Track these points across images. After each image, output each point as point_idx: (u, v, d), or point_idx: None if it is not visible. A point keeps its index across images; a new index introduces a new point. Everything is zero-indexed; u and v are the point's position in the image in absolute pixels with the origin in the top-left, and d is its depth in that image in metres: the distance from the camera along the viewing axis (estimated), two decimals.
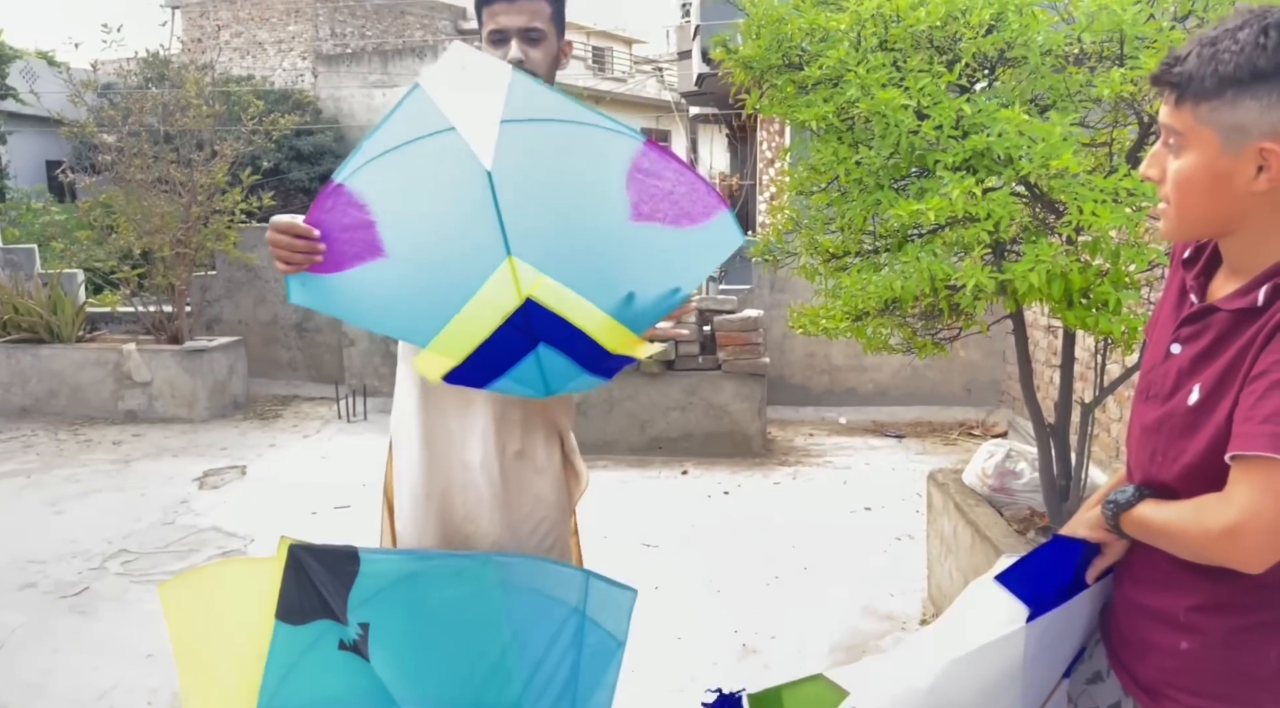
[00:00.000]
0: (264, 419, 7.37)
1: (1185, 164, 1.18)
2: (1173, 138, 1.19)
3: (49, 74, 9.67)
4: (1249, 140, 1.12)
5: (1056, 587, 1.39)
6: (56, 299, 7.55)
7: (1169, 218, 1.24)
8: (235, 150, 7.43)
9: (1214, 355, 1.22)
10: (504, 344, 1.66)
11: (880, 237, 2.84)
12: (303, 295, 1.66)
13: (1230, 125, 1.13)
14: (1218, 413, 1.18)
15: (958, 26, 2.48)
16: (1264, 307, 1.16)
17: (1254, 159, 1.13)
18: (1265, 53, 1.09)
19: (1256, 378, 1.13)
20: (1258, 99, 1.10)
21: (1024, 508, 3.28)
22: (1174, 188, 1.20)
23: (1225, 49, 1.12)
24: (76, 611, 3.85)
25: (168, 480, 5.69)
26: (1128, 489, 1.31)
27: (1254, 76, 1.10)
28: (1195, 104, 1.15)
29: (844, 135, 2.70)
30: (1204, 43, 1.14)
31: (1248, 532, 1.10)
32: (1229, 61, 1.11)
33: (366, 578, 1.65)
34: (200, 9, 22.97)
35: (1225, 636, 1.24)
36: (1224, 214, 1.19)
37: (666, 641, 3.47)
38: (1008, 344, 6.38)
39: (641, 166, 1.58)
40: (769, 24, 2.75)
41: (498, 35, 1.91)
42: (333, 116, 20.34)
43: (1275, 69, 1.09)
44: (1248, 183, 1.14)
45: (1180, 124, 1.17)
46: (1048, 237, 2.42)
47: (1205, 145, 1.15)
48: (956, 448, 6.27)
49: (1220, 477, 1.17)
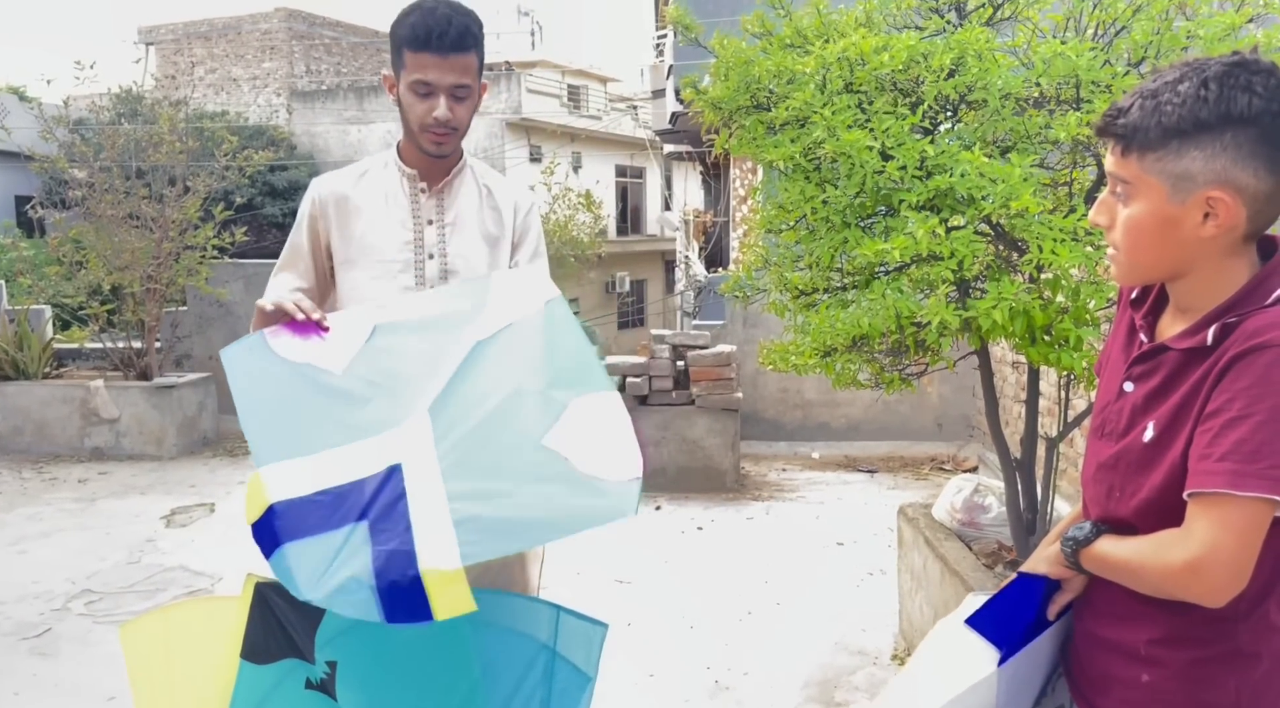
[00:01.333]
0: (234, 456, 7.29)
1: (1134, 212, 1.22)
2: (1120, 187, 1.23)
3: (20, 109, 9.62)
4: (1195, 188, 1.16)
5: (1024, 626, 1.40)
6: (23, 335, 7.47)
7: (1120, 264, 1.28)
8: (208, 186, 7.42)
9: (1166, 393, 1.25)
10: (339, 504, 1.54)
11: (847, 274, 2.88)
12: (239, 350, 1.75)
13: (1176, 174, 1.16)
14: (1173, 450, 1.21)
15: (920, 70, 2.55)
16: (1213, 346, 1.20)
17: (1201, 206, 1.16)
18: (1207, 105, 1.13)
19: (1211, 416, 1.16)
20: (1201, 149, 1.14)
21: (992, 542, 3.30)
22: (1123, 235, 1.24)
23: (1167, 101, 1.15)
24: (38, 653, 3.77)
25: (134, 518, 5.61)
26: (1085, 526, 1.32)
27: (1197, 127, 1.14)
28: (1141, 155, 1.18)
29: (811, 175, 2.75)
30: (1144, 95, 1.18)
31: (1208, 567, 1.12)
32: (1172, 113, 1.15)
33: (334, 616, 1.64)
34: (175, 45, 23.00)
35: (1185, 667, 1.25)
36: (1173, 259, 1.23)
37: (639, 677, 3.45)
38: (977, 379, 6.45)
39: (594, 404, 1.61)
40: (737, 66, 2.81)
41: (424, 88, 1.91)
42: (307, 152, 20.36)
43: (1218, 120, 1.13)
44: (1195, 229, 1.18)
45: (1127, 174, 1.20)
46: (1010, 275, 2.47)
47: (1152, 194, 1.19)
48: (928, 482, 6.31)
49: (1176, 512, 1.19)
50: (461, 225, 2.06)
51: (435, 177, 2.06)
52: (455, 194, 2.07)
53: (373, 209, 2.04)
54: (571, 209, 13.52)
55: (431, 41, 1.87)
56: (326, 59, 23.26)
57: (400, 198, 2.05)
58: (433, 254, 2.03)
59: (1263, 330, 1.15)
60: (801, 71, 2.64)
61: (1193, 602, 1.17)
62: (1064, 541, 1.35)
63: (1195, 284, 1.24)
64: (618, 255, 21.59)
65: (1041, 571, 1.41)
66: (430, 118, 1.92)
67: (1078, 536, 1.32)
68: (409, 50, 1.90)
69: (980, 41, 2.48)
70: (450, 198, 2.07)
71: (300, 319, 1.78)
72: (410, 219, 2.04)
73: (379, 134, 20.49)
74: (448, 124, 1.93)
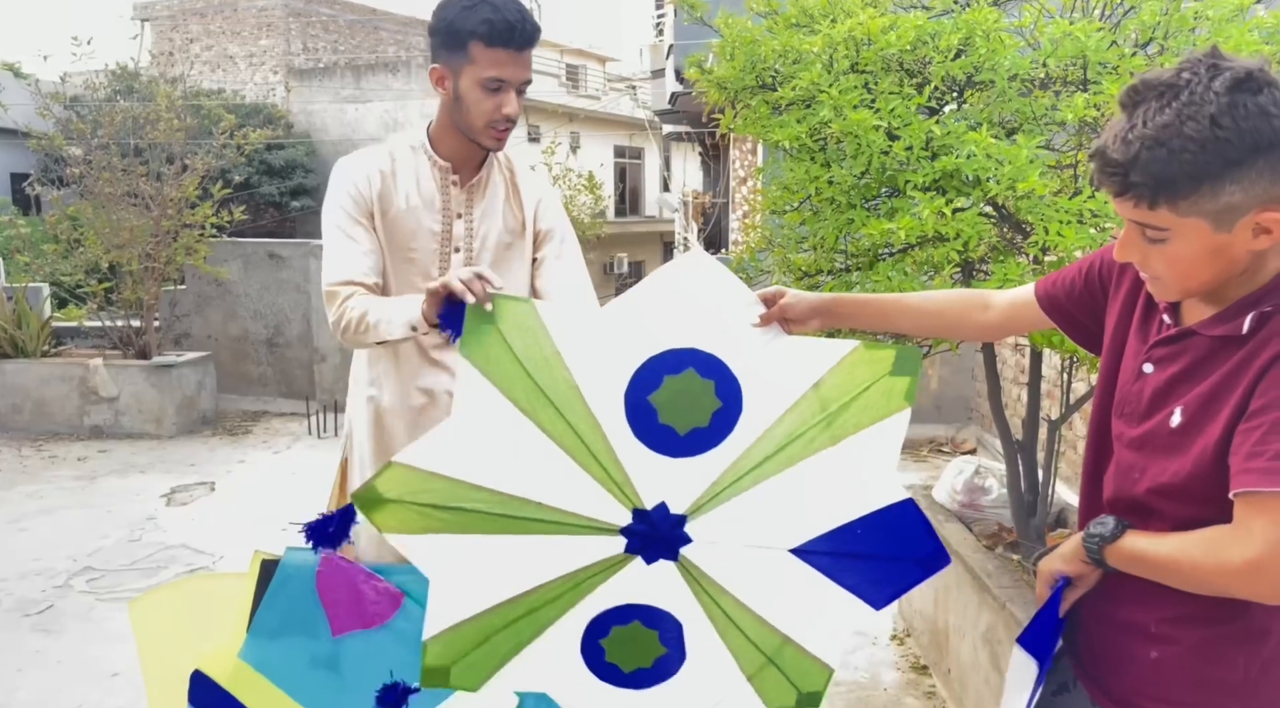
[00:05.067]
0: (233, 435, 7.30)
1: (1177, 250, 1.17)
2: (1149, 229, 1.18)
3: (16, 86, 9.55)
4: (1240, 216, 1.12)
5: (1051, 631, 1.41)
6: (21, 313, 7.44)
7: (1167, 288, 1.24)
8: (206, 164, 7.38)
9: (1193, 379, 1.23)
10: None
11: (852, 255, 2.88)
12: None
13: (1217, 211, 1.12)
14: (1204, 437, 1.20)
15: (927, 50, 2.53)
16: (1249, 335, 1.18)
17: (1250, 228, 1.13)
18: (1230, 144, 1.09)
19: (1256, 414, 1.14)
20: (1237, 182, 1.10)
21: (993, 524, 3.32)
22: (1169, 267, 1.20)
23: (1183, 148, 1.10)
24: (40, 629, 3.78)
25: (134, 497, 5.62)
26: (1107, 521, 1.30)
27: (1227, 166, 1.09)
28: (1173, 204, 1.13)
29: (816, 155, 2.74)
30: (1148, 144, 1.12)
31: (1272, 565, 1.11)
32: (1194, 160, 1.10)
33: None
34: (171, 22, 22.83)
35: (1195, 646, 1.26)
36: (1227, 274, 1.20)
37: None
38: (977, 362, 6.46)
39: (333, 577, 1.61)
40: (743, 46, 2.79)
41: (496, 84, 1.85)
42: (304, 131, 20.25)
43: (1247, 153, 1.09)
44: (1247, 244, 1.15)
45: (1161, 222, 1.15)
46: (1015, 256, 2.47)
47: (1195, 232, 1.15)
48: (927, 464, 6.33)
49: (1197, 498, 1.20)
50: (489, 220, 2.04)
51: (469, 171, 2.02)
52: (484, 188, 2.04)
53: (406, 197, 1.98)
54: (573, 190, 13.47)
55: (513, 38, 1.82)
56: (324, 37, 23.10)
57: (431, 189, 2.00)
58: (459, 247, 2.01)
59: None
60: (808, 51, 2.63)
61: (1251, 599, 1.17)
62: (1087, 536, 1.32)
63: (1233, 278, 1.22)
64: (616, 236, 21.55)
65: (1057, 567, 1.40)
66: (500, 114, 1.87)
67: (1102, 532, 1.30)
68: (481, 45, 1.82)
69: (988, 21, 2.46)
70: (480, 192, 2.03)
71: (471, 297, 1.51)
72: (440, 211, 2.00)
73: (376, 113, 20.38)
74: (514, 119, 1.89)
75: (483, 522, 1.52)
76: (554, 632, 1.55)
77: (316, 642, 1.63)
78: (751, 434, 1.53)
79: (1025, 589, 2.69)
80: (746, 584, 1.55)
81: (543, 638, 1.55)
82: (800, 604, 1.55)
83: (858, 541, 1.53)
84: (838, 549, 1.53)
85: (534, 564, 1.54)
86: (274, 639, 1.62)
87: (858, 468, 1.53)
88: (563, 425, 1.52)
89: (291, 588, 1.62)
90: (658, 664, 1.57)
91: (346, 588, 1.61)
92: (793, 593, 1.54)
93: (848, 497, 1.53)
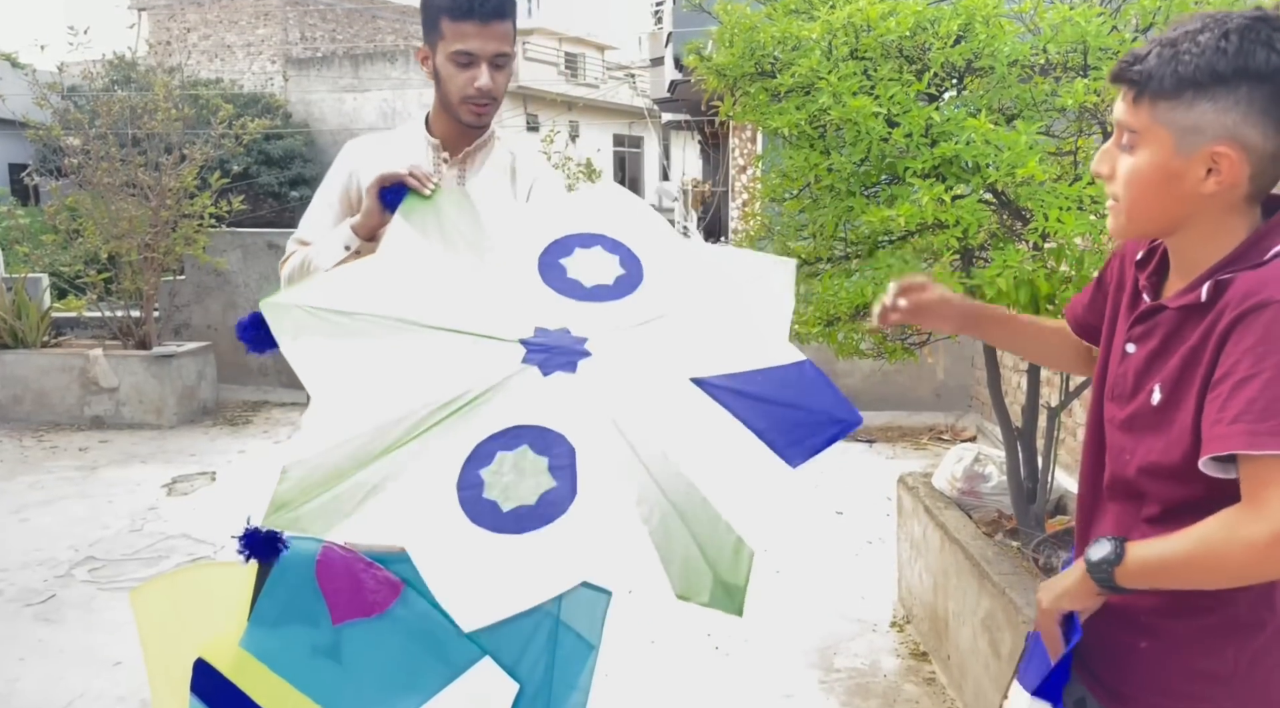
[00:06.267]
0: (234, 425, 7.30)
1: (1138, 162, 1.21)
2: (1127, 135, 1.22)
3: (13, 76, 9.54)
4: (1202, 141, 1.15)
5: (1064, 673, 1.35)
6: (21, 303, 7.44)
7: (1117, 215, 1.27)
8: (204, 154, 7.36)
9: (1167, 353, 1.24)
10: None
11: (851, 243, 2.88)
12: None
13: (1185, 126, 1.15)
14: (1181, 413, 1.20)
15: (927, 37, 2.52)
16: (1207, 303, 1.19)
17: (1205, 161, 1.16)
18: (1225, 56, 1.12)
19: (1219, 382, 1.14)
20: (1214, 102, 1.13)
21: (992, 511, 3.32)
22: (1125, 186, 1.23)
23: (1186, 50, 1.14)
24: (42, 619, 3.80)
25: (135, 487, 5.62)
26: (1103, 544, 1.24)
27: (1212, 79, 1.13)
28: (1153, 102, 1.17)
29: (815, 142, 2.73)
30: (1164, 43, 1.17)
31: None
32: (1189, 63, 1.14)
33: None
34: (168, 11, 22.75)
35: (1184, 637, 1.26)
36: (1172, 214, 1.22)
37: (640, 644, 3.48)
38: (976, 350, 6.45)
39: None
40: (742, 32, 2.78)
41: (465, 58, 1.89)
42: (303, 120, 20.20)
43: (1234, 73, 1.12)
44: (1196, 184, 1.17)
45: (1136, 122, 1.19)
46: (1015, 243, 2.47)
47: (1160, 144, 1.18)
48: (926, 452, 6.33)
49: (1184, 475, 1.19)
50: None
51: (458, 147, 2.05)
52: (478, 165, 2.07)
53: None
54: (571, 179, 13.46)
55: (475, 10, 1.85)
56: (321, 26, 23.03)
57: (425, 167, 2.04)
58: None
59: (1259, 289, 1.13)
60: (807, 38, 2.62)
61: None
62: (1093, 566, 1.24)
63: (1192, 241, 1.24)
64: None
65: (1065, 607, 1.32)
66: (473, 88, 1.90)
67: (1107, 556, 1.22)
68: (448, 20, 1.87)
69: (987, 7, 2.46)
70: (472, 168, 2.07)
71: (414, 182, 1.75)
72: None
73: (375, 102, 20.33)
74: (489, 94, 1.91)
75: (377, 326, 1.49)
76: (432, 461, 1.35)
77: (317, 630, 1.63)
78: (652, 295, 1.61)
79: (1025, 576, 2.70)
80: (648, 411, 1.41)
81: (416, 470, 1.34)
82: (707, 446, 1.38)
83: (760, 386, 1.47)
84: (741, 389, 1.46)
85: (424, 375, 1.43)
86: (275, 628, 1.63)
87: (751, 320, 1.59)
88: (478, 267, 1.63)
89: (291, 577, 1.62)
90: (542, 501, 1.32)
91: (346, 577, 1.62)
92: (698, 430, 1.40)
93: (747, 347, 1.52)
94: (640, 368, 1.48)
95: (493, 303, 1.57)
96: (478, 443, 1.36)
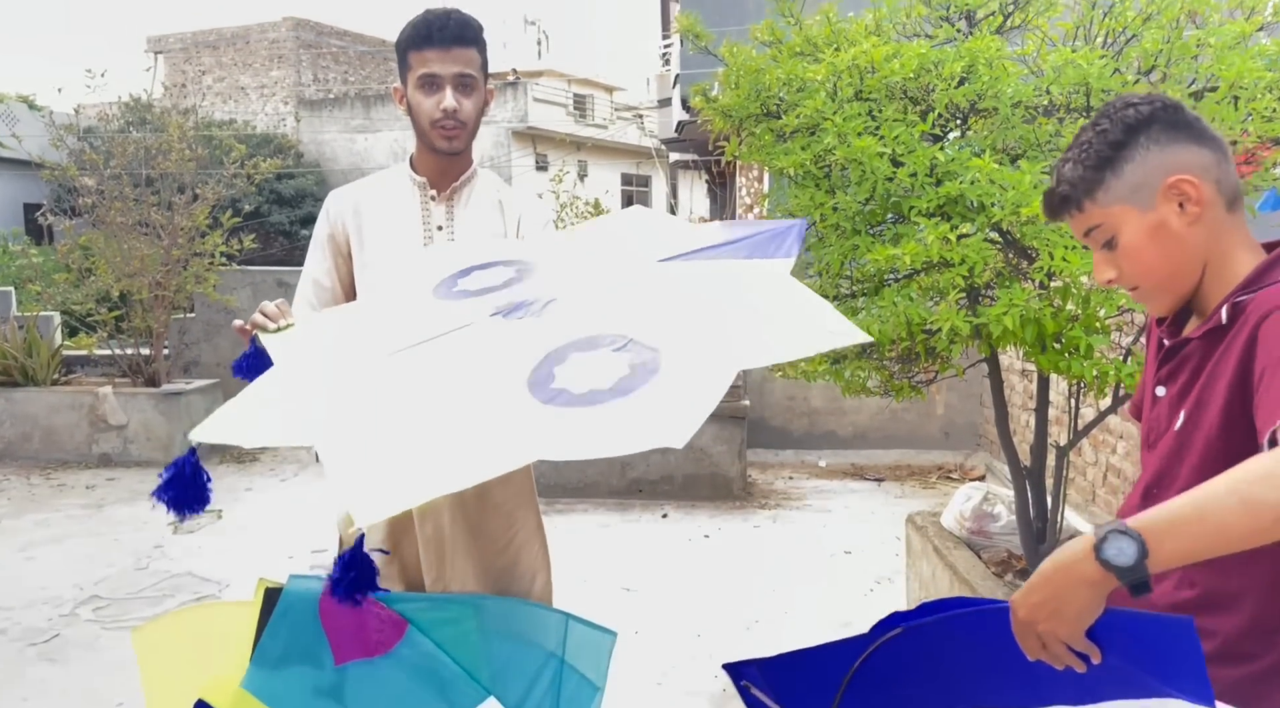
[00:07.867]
0: (241, 463, 7.30)
1: (1125, 242, 1.29)
2: (1099, 236, 1.30)
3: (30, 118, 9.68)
4: (1154, 187, 1.25)
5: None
6: (32, 341, 7.49)
7: (1147, 297, 1.33)
8: (216, 194, 7.44)
9: (1192, 383, 1.28)
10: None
11: (857, 281, 2.88)
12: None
13: (1130, 189, 1.26)
14: (1203, 428, 1.23)
15: (931, 78, 2.55)
16: (1228, 324, 1.23)
17: (1171, 198, 1.25)
18: (1109, 133, 1.27)
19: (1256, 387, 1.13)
20: (1131, 161, 1.26)
21: (1002, 551, 3.29)
22: (1131, 266, 1.30)
23: (1078, 154, 1.29)
24: (46, 658, 3.77)
25: (142, 525, 5.61)
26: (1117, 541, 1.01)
27: (1115, 149, 1.26)
28: (1092, 198, 1.28)
29: (821, 182, 2.75)
30: (1061, 164, 1.32)
31: None
32: (1090, 156, 1.28)
33: None
34: (184, 54, 23.14)
35: (1231, 684, 1.23)
36: (1182, 261, 1.27)
37: (646, 685, 3.43)
38: (984, 388, 6.43)
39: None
40: (748, 74, 2.81)
41: (430, 80, 1.94)
42: (314, 160, 20.44)
43: (1126, 134, 1.26)
44: (1180, 220, 1.25)
45: (1095, 220, 1.29)
46: (1021, 282, 2.47)
47: (1126, 217, 1.27)
48: (935, 491, 6.29)
49: None
50: (472, 231, 2.08)
51: (444, 183, 2.08)
52: (465, 201, 2.09)
53: (385, 216, 2.07)
54: (579, 217, 13.55)
55: (433, 36, 1.92)
56: (334, 68, 23.37)
57: (411, 205, 2.08)
58: None
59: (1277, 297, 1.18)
60: (812, 79, 2.64)
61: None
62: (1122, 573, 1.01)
63: (1210, 284, 1.29)
64: None
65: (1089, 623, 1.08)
66: (438, 111, 1.95)
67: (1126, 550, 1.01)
68: (412, 51, 1.95)
69: (991, 50, 2.48)
70: (460, 204, 2.09)
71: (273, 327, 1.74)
72: (420, 225, 2.06)
73: (385, 143, 20.57)
74: (455, 116, 1.95)
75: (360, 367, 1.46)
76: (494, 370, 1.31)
77: (319, 671, 1.62)
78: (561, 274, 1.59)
79: None
80: (637, 283, 1.46)
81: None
82: (714, 282, 1.39)
83: (716, 246, 1.51)
84: (703, 247, 1.51)
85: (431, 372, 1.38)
86: (277, 668, 1.62)
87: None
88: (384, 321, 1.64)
89: (294, 616, 1.61)
90: (620, 382, 1.20)
91: (350, 616, 1.61)
92: (702, 282, 1.41)
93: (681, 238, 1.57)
94: (604, 286, 1.50)
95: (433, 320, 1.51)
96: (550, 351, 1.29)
